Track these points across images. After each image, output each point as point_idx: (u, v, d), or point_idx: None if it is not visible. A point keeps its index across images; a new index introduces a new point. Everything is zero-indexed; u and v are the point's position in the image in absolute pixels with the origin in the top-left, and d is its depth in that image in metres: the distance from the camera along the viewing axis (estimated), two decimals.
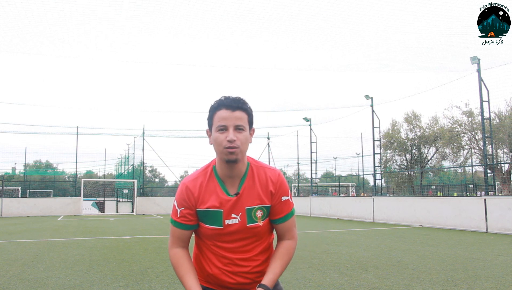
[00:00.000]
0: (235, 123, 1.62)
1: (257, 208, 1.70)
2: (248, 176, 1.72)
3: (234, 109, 1.63)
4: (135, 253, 7.56)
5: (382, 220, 16.12)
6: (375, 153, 19.44)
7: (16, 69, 17.03)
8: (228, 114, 1.62)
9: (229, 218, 1.68)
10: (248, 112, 1.68)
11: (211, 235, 1.72)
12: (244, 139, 1.64)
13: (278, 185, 1.73)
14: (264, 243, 1.78)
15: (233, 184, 1.71)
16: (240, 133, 1.63)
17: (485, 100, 13.72)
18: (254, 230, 1.71)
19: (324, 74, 17.12)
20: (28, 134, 28.26)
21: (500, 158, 24.05)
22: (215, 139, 1.65)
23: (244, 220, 1.68)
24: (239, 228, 1.69)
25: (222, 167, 1.69)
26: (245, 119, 1.66)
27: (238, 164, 1.67)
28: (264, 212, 1.72)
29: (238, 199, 1.68)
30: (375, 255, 7.27)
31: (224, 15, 11.27)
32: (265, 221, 1.74)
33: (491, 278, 5.29)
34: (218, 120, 1.63)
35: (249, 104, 1.71)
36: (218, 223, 1.69)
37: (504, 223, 11.58)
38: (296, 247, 1.82)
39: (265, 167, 1.77)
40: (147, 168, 36.78)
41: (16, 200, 22.98)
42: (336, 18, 11.98)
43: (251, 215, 1.69)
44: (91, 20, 11.35)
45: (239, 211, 1.68)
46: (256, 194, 1.70)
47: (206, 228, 1.72)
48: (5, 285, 4.89)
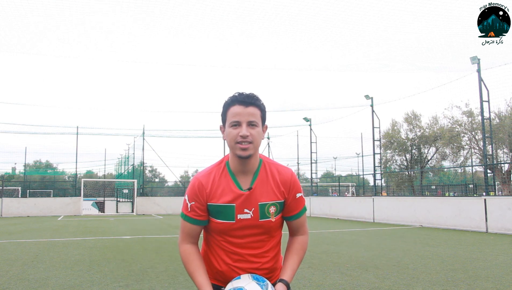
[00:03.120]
0: (248, 119, 1.63)
1: (270, 204, 1.71)
2: (261, 171, 1.73)
3: (248, 105, 1.65)
4: (135, 253, 7.56)
5: (382, 220, 16.12)
6: (375, 153, 19.45)
7: (16, 69, 17.03)
8: (241, 110, 1.64)
9: (241, 213, 1.68)
10: (261, 108, 1.70)
11: (222, 229, 1.72)
12: (257, 135, 1.65)
13: (292, 182, 1.75)
14: (274, 239, 1.79)
15: (246, 179, 1.71)
16: (253, 129, 1.65)
17: (485, 100, 13.72)
18: (266, 226, 1.71)
19: (324, 74, 17.15)
20: (28, 134, 28.28)
21: (500, 158, 24.05)
22: (228, 134, 1.66)
23: (256, 215, 1.69)
24: (251, 223, 1.69)
25: (235, 162, 1.70)
26: (258, 115, 1.67)
27: (251, 160, 1.69)
28: (277, 208, 1.73)
29: (251, 194, 1.69)
30: (375, 255, 7.27)
31: (224, 15, 11.28)
32: (278, 217, 1.74)
33: (491, 278, 5.29)
34: (232, 115, 1.65)
35: (262, 101, 1.72)
36: (230, 218, 1.69)
37: (504, 223, 11.58)
38: (308, 242, 1.85)
39: (278, 164, 1.80)
40: (147, 168, 36.79)
41: (16, 200, 22.98)
42: (336, 18, 12.00)
43: (264, 210, 1.70)
44: (91, 21, 11.36)
45: (252, 206, 1.69)
46: (269, 190, 1.71)
47: (217, 223, 1.72)
48: (5, 285, 4.89)
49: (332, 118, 24.08)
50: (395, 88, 18.40)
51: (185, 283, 4.97)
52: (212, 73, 18.08)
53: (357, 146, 29.06)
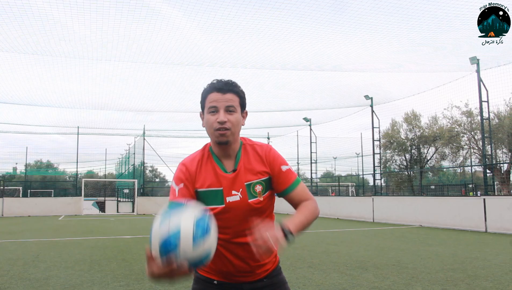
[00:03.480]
0: (226, 104, 1.64)
1: (255, 183, 1.69)
2: (243, 153, 1.73)
3: (225, 92, 1.65)
4: (136, 253, 7.58)
5: (381, 220, 16.14)
6: (374, 153, 19.48)
7: (16, 69, 17.14)
8: (219, 96, 1.64)
9: (230, 195, 1.67)
10: (240, 95, 1.70)
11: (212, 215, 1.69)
12: (235, 121, 1.65)
13: (271, 156, 1.73)
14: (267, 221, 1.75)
15: (230, 162, 1.72)
16: (231, 114, 1.65)
17: (484, 100, 13.75)
18: (256, 206, 1.69)
19: (324, 74, 17.11)
20: (29, 134, 28.33)
21: (499, 158, 24.09)
22: (206, 121, 1.67)
23: (245, 196, 1.68)
24: (241, 205, 1.67)
25: (216, 148, 1.72)
26: (237, 101, 1.68)
27: (231, 145, 1.69)
28: (263, 185, 1.71)
29: (236, 175, 1.69)
30: (375, 255, 7.30)
31: (224, 14, 11.29)
32: (266, 195, 1.72)
33: (490, 277, 5.32)
34: (209, 102, 1.66)
35: (241, 88, 1.73)
36: (219, 202, 1.67)
37: (503, 222, 11.60)
38: (317, 207, 1.72)
39: (257, 143, 1.80)
40: (147, 168, 36.79)
41: (17, 200, 23.02)
42: (335, 18, 12.04)
43: (250, 190, 1.68)
44: (91, 23, 11.38)
45: (239, 187, 1.68)
46: (252, 169, 1.71)
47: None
48: (7, 285, 4.92)
49: (332, 118, 24.05)
50: (395, 88, 18.43)
51: (185, 283, 4.99)
52: (212, 73, 18.20)
53: (357, 146, 28.97)
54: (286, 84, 19.01)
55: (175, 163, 38.75)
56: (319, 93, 20.68)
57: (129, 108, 22.44)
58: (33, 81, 18.00)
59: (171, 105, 21.79)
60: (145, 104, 21.89)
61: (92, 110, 22.84)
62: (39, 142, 51.42)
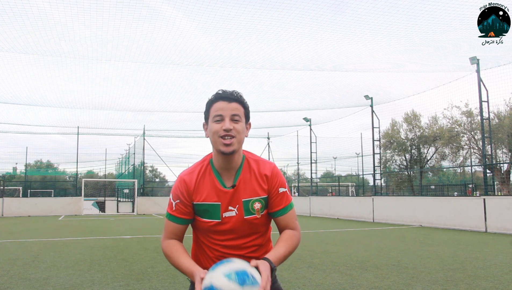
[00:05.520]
0: (231, 113, 1.64)
1: (254, 200, 1.69)
2: (244, 168, 1.72)
3: (231, 100, 1.66)
4: (136, 253, 7.58)
5: (381, 220, 16.15)
6: (374, 153, 19.48)
7: (16, 69, 17.10)
8: (224, 105, 1.64)
9: (226, 211, 1.67)
10: (245, 106, 1.70)
11: (208, 229, 1.70)
12: (240, 129, 1.65)
13: (273, 176, 1.72)
14: (262, 238, 1.77)
15: (230, 177, 1.71)
16: (237, 123, 1.64)
17: (484, 100, 13.75)
18: (252, 223, 1.69)
19: (324, 74, 17.09)
20: (29, 134, 28.33)
21: (499, 158, 24.09)
22: (211, 129, 1.66)
23: (241, 212, 1.68)
24: (237, 221, 1.68)
25: (218, 159, 1.69)
26: (242, 111, 1.68)
27: (234, 156, 1.67)
28: (262, 204, 1.71)
29: (235, 191, 1.68)
30: (375, 255, 7.30)
31: (224, 14, 11.29)
32: (264, 214, 1.72)
33: (490, 277, 5.31)
34: (215, 111, 1.65)
35: (246, 100, 1.73)
36: (216, 217, 1.68)
37: (503, 223, 11.61)
38: (300, 238, 1.74)
39: (260, 159, 1.78)
40: (147, 168, 36.81)
41: (17, 200, 23.01)
42: (335, 18, 12.04)
43: (248, 207, 1.68)
44: (92, 23, 11.38)
45: (236, 203, 1.68)
46: (252, 186, 1.70)
47: (203, 222, 1.70)
48: (6, 285, 4.92)
49: (332, 118, 24.04)
50: (395, 88, 18.42)
51: (185, 283, 4.99)
52: (212, 73, 18.16)
53: (357, 146, 28.98)
54: (286, 84, 19.00)
55: (175, 163, 38.73)
56: (319, 93, 20.68)
57: (129, 108, 22.43)
58: (33, 81, 17.99)
59: (171, 105, 21.78)
60: (145, 104, 21.88)
61: (92, 110, 22.83)
62: (39, 142, 51.45)
